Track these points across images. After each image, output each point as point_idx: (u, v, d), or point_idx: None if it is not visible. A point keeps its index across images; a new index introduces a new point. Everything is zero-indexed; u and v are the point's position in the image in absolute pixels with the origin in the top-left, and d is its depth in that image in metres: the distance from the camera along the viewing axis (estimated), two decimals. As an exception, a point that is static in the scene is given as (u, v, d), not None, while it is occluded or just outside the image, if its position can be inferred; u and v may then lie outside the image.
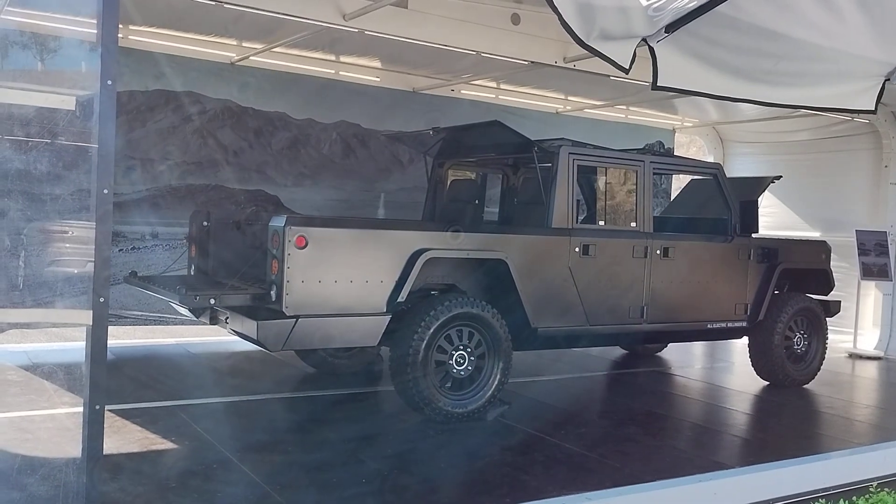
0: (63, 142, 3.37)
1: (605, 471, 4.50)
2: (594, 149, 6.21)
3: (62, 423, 4.80)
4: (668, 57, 3.96)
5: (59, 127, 3.27)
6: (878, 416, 6.55)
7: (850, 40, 4.18)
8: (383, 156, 8.64)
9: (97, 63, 2.72)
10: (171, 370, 6.72)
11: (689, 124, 11.21)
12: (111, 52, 2.65)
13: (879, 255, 9.23)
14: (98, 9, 2.73)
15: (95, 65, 2.80)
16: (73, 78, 3.77)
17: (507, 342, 5.45)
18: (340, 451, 4.67)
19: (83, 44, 3.29)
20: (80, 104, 3.40)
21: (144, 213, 7.31)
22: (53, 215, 4.91)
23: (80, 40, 3.99)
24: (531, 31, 6.58)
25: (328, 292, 4.84)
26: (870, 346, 9.44)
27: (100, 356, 2.67)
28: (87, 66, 3.02)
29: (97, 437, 2.71)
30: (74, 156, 3.33)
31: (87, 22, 3.07)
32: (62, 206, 3.13)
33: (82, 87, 3.06)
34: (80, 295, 2.85)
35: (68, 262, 5.88)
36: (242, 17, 6.16)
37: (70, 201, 3.10)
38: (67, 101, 3.06)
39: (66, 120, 3.20)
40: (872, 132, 9.60)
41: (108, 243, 2.67)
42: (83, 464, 2.77)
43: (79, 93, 3.64)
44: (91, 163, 2.81)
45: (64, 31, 6.19)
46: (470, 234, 5.50)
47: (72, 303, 2.82)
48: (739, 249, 6.87)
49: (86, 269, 2.74)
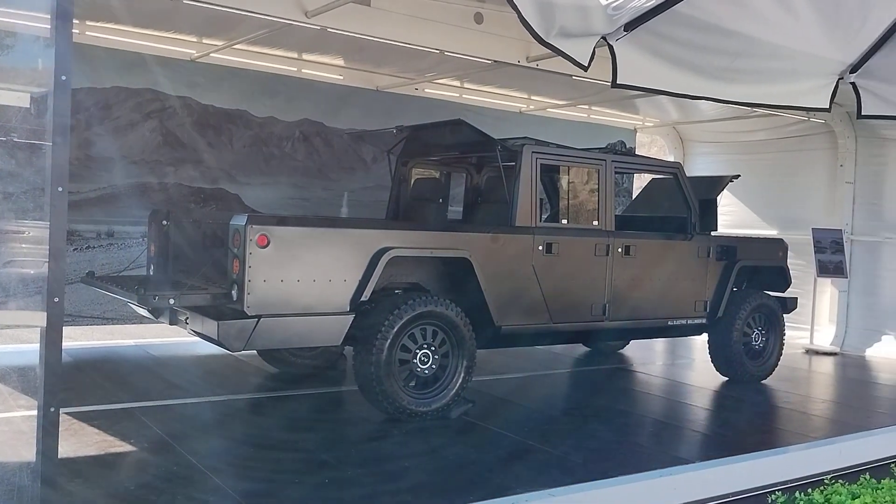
0: (17, 139, 3.29)
1: (568, 467, 4.53)
2: (557, 148, 6.26)
3: (17, 427, 4.69)
4: (627, 55, 4.01)
5: (11, 124, 3.19)
6: (833, 410, 6.70)
7: (804, 39, 4.27)
8: (347, 154, 8.60)
9: (52, 59, 2.66)
10: (130, 372, 6.60)
11: (650, 124, 11.34)
12: (65, 48, 2.59)
13: (835, 252, 9.44)
14: (52, 4, 2.67)
15: (50, 61, 2.74)
16: (28, 75, 3.69)
17: (470, 340, 5.46)
18: (303, 451, 4.63)
19: (39, 40, 3.21)
20: (35, 101, 3.33)
21: (100, 211, 7.17)
22: (7, 214, 4.79)
23: (36, 36, 3.90)
24: (494, 30, 6.59)
25: (290, 291, 4.80)
26: (826, 341, 9.65)
27: (54, 358, 2.61)
28: (42, 63, 2.95)
29: (52, 440, 2.65)
30: (28, 154, 3.26)
31: (43, 17, 3.01)
32: (15, 204, 3.06)
33: (38, 83, 2.99)
34: (34, 295, 2.78)
35: (22, 262, 5.74)
36: (202, 13, 6.07)
37: (24, 200, 3.02)
38: (22, 97, 2.99)
39: (18, 117, 3.12)
40: (828, 132, 9.82)
41: (63, 242, 2.61)
42: (37, 467, 2.71)
43: (34, 90, 3.56)
44: (45, 161, 2.75)
45: (18, 26, 6.05)
46: (433, 233, 5.51)
47: (25, 304, 2.75)
48: (699, 247, 6.98)
49: (40, 270, 2.68)
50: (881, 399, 7.28)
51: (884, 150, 9.46)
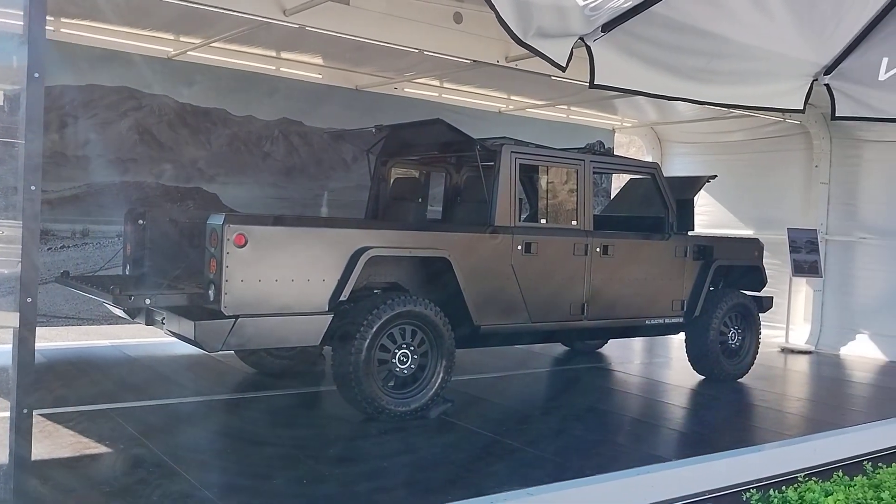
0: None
1: (546, 466, 4.55)
2: (536, 148, 6.27)
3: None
4: (604, 55, 4.03)
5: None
6: (808, 408, 6.78)
7: (779, 40, 4.32)
8: (327, 154, 8.56)
9: (25, 56, 2.63)
10: (106, 373, 6.53)
11: (628, 124, 11.41)
12: (39, 45, 2.56)
13: (810, 252, 9.55)
14: (25, 1, 2.63)
15: (24, 58, 2.71)
16: (1, 72, 3.64)
17: (450, 340, 5.46)
18: (280, 452, 4.61)
19: (13, 37, 3.17)
20: (9, 99, 3.28)
21: (76, 210, 7.09)
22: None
23: (10, 33, 3.85)
24: (473, 30, 6.59)
25: (268, 291, 4.77)
26: (801, 340, 9.77)
27: (27, 358, 2.58)
28: (16, 60, 2.91)
29: (25, 442, 2.61)
30: (1, 151, 3.21)
31: (16, 14, 2.96)
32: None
33: (11, 81, 2.95)
34: (6, 295, 2.74)
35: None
36: (180, 11, 6.02)
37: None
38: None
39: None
40: (804, 133, 9.93)
41: (36, 242, 2.58)
42: (10, 470, 2.67)
43: (7, 87, 3.51)
44: (18, 159, 2.71)
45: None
46: (412, 233, 5.50)
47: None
48: (676, 247, 7.03)
49: (13, 270, 2.63)
50: (855, 397, 7.38)
51: (858, 151, 9.58)
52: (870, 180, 9.53)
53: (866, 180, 9.56)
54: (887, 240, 9.29)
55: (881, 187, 9.42)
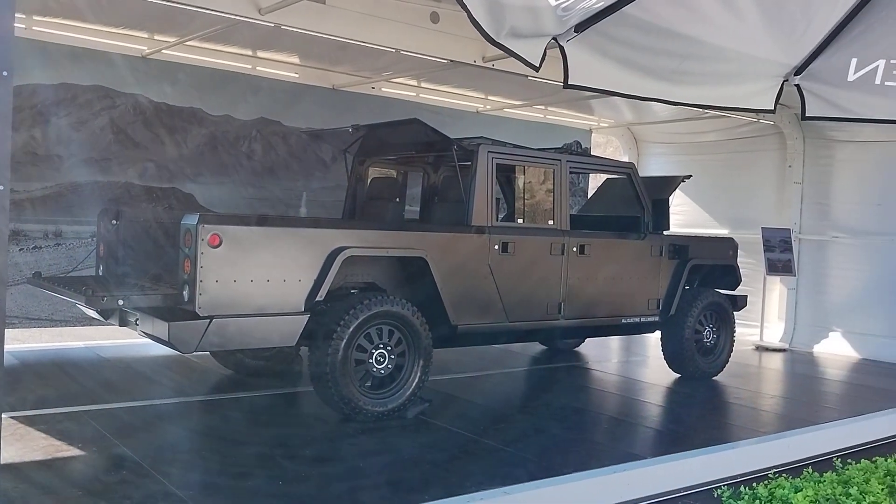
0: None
1: (524, 465, 4.56)
2: (513, 147, 6.29)
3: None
4: (577, 56, 4.06)
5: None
6: (782, 405, 6.86)
7: (750, 41, 4.38)
8: (305, 154, 8.52)
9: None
10: (78, 374, 6.46)
11: (605, 125, 11.48)
12: (6, 42, 2.53)
13: (784, 251, 9.67)
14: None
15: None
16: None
17: (427, 340, 5.46)
18: (257, 453, 4.58)
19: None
20: None
21: (47, 210, 7.00)
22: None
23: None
24: (450, 29, 6.60)
25: (244, 292, 4.74)
26: (775, 338, 9.88)
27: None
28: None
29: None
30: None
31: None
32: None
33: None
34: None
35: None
36: (153, 9, 5.96)
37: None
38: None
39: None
40: (777, 133, 10.05)
41: (5, 241, 2.54)
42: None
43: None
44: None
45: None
46: (389, 232, 5.49)
47: None
48: (652, 246, 7.08)
49: None
50: (828, 394, 7.49)
51: (831, 151, 9.72)
52: (842, 180, 9.67)
53: (839, 180, 9.70)
54: (859, 239, 9.43)
55: (853, 187, 9.56)
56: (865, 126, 9.09)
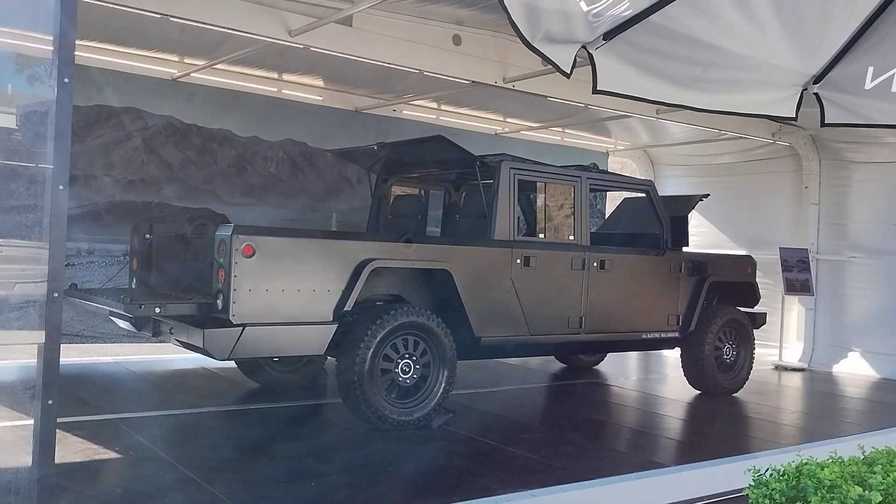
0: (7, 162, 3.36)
1: (549, 471, 4.63)
2: (534, 164, 6.43)
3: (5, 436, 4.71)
4: (605, 63, 4.22)
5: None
6: (803, 420, 6.89)
7: (770, 50, 4.52)
8: (331, 175, 8.69)
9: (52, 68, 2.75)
10: (110, 386, 6.60)
11: (621, 147, 11.62)
12: (69, 49, 2.70)
13: (801, 271, 9.72)
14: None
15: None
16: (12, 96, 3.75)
17: (451, 350, 5.57)
18: (287, 458, 4.69)
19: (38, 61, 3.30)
20: (23, 117, 3.40)
21: (81, 229, 7.19)
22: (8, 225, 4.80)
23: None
24: (472, 51, 6.80)
25: (275, 301, 4.88)
26: (794, 358, 9.89)
27: (53, 352, 2.67)
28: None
29: (49, 431, 2.70)
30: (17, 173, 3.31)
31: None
32: (18, 201, 3.11)
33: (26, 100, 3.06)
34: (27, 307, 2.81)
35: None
36: (186, 32, 6.19)
37: (26, 198, 3.09)
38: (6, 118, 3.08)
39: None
40: (793, 155, 10.15)
41: (63, 234, 2.67)
42: (34, 465, 2.75)
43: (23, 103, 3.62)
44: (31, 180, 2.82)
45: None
46: (415, 245, 5.63)
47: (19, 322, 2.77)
48: (671, 263, 7.17)
49: (26, 288, 2.72)
50: (848, 410, 7.50)
51: (847, 173, 9.79)
52: (859, 201, 9.73)
53: (855, 201, 9.76)
54: (877, 259, 9.46)
55: (870, 208, 9.61)
56: (882, 147, 9.22)
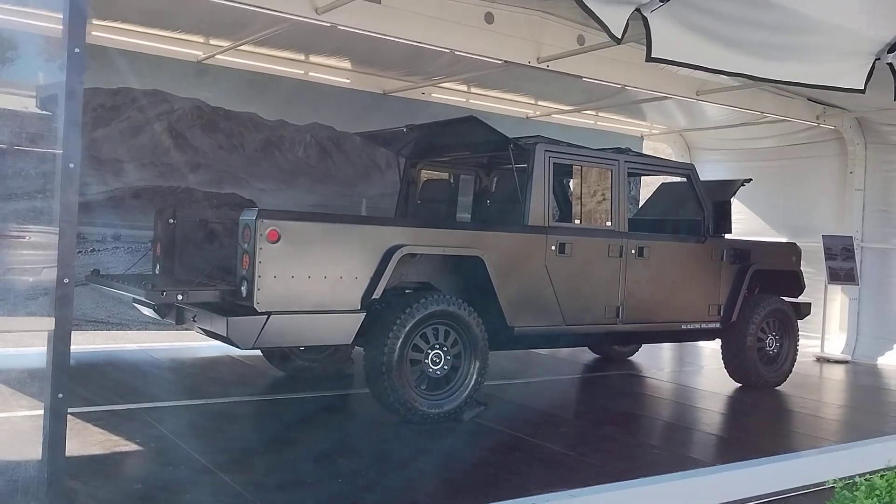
0: (26, 148, 3.21)
1: (587, 469, 4.41)
2: (570, 147, 6.17)
3: (19, 426, 4.58)
4: (661, 27, 3.90)
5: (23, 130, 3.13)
6: (848, 414, 6.59)
7: (844, 13, 4.16)
8: (360, 159, 8.48)
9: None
10: (133, 374, 6.49)
11: (656, 131, 11.28)
12: (80, 19, 2.51)
13: (846, 259, 9.34)
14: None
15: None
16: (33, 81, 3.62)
17: (483, 341, 5.34)
18: (313, 451, 4.52)
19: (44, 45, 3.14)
20: (41, 99, 3.24)
21: (107, 214, 7.06)
22: (10, 218, 4.68)
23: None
24: (505, 30, 6.53)
25: (301, 288, 4.69)
26: (837, 350, 9.53)
27: (62, 346, 2.50)
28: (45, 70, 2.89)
29: (59, 426, 2.53)
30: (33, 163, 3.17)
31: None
32: (27, 183, 2.96)
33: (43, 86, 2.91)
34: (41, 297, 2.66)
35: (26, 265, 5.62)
36: (212, 11, 6.01)
37: (36, 180, 2.93)
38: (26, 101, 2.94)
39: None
40: (837, 138, 9.75)
41: (74, 215, 2.50)
42: (44, 457, 2.59)
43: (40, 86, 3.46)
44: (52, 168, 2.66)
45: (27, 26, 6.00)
46: (446, 231, 5.41)
47: (32, 307, 2.63)
48: (712, 250, 6.87)
49: (42, 275, 2.58)
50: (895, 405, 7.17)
51: (894, 157, 9.38)
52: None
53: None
54: (925, 247, 9.07)
55: (918, 193, 9.21)
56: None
